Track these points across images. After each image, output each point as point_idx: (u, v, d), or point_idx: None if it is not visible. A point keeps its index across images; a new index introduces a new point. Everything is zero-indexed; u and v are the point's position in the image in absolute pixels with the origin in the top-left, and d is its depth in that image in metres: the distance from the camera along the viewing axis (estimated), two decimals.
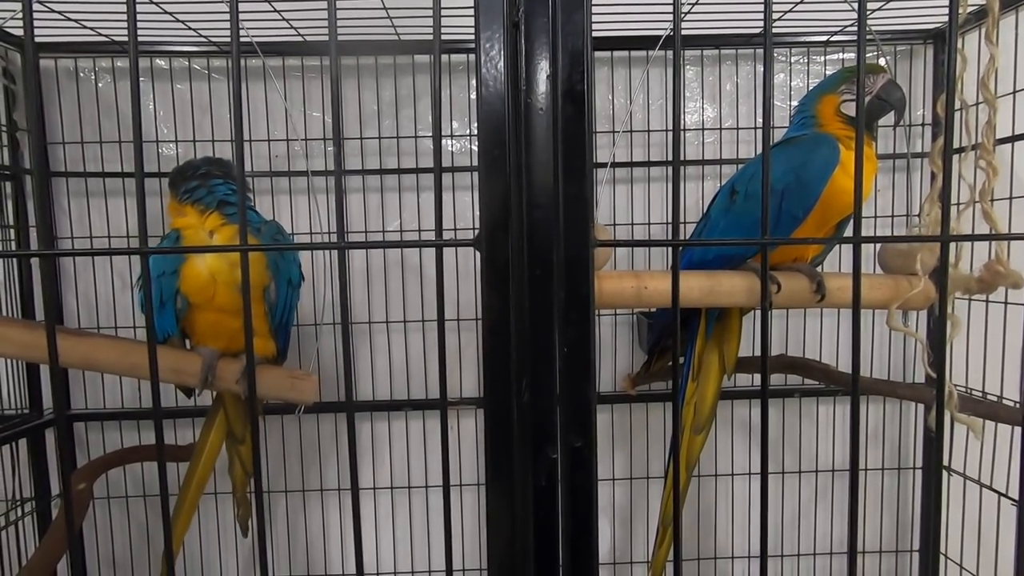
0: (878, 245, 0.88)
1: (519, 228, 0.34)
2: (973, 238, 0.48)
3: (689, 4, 0.94)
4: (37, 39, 1.06)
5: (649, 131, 1.16)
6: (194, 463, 0.92)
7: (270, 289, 0.83)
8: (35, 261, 1.10)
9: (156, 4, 0.91)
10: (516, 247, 0.34)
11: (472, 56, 1.13)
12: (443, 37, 1.04)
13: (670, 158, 1.15)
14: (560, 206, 0.34)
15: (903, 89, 0.81)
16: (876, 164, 0.82)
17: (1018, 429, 0.88)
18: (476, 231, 0.37)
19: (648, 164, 1.16)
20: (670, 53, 1.12)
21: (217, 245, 0.79)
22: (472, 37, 0.57)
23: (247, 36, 0.92)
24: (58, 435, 1.14)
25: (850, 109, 0.80)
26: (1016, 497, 0.99)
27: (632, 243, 0.55)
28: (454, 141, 1.15)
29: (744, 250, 0.78)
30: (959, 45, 0.75)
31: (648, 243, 0.56)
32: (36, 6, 0.84)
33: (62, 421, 1.14)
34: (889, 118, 0.82)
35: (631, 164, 1.15)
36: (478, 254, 0.35)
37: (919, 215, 0.93)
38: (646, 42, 1.11)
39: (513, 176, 0.34)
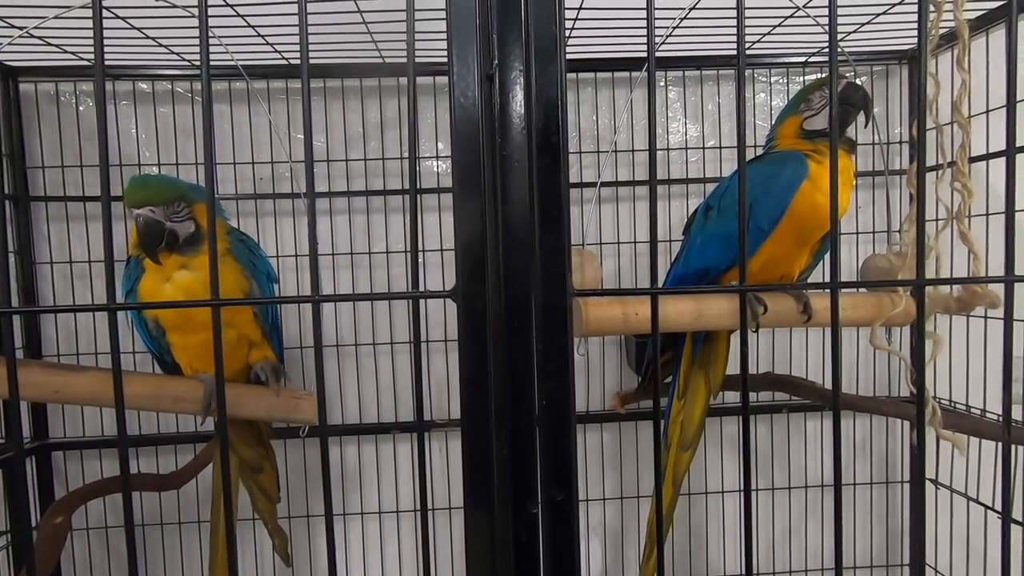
0: (860, 263, 0.90)
1: (496, 279, 0.34)
2: (947, 281, 0.49)
3: (669, 28, 0.95)
4: (16, 64, 1.06)
5: (633, 151, 1.17)
6: (216, 511, 0.88)
7: (253, 291, 0.81)
8: (13, 289, 1.08)
9: (138, 29, 0.91)
10: (493, 298, 0.34)
11: None
12: (426, 59, 1.05)
13: (661, 177, 1.16)
14: (537, 257, 0.34)
15: (864, 88, 0.79)
16: (851, 175, 0.80)
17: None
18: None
19: (633, 183, 1.17)
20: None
21: (182, 301, 0.75)
22: None
23: (231, 59, 0.91)
24: (13, 469, 1.11)
25: (813, 123, 0.81)
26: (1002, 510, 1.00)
27: (610, 291, 0.55)
28: (439, 162, 1.15)
29: (718, 263, 0.79)
30: (932, 69, 0.77)
31: (626, 291, 0.56)
32: (16, 32, 0.83)
33: (21, 454, 1.11)
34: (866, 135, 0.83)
35: (616, 183, 1.16)
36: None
37: (899, 232, 0.95)
38: (630, 63, 1.13)
39: (490, 227, 0.34)
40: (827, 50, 1.12)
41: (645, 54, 0.38)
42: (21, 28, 0.83)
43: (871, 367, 1.21)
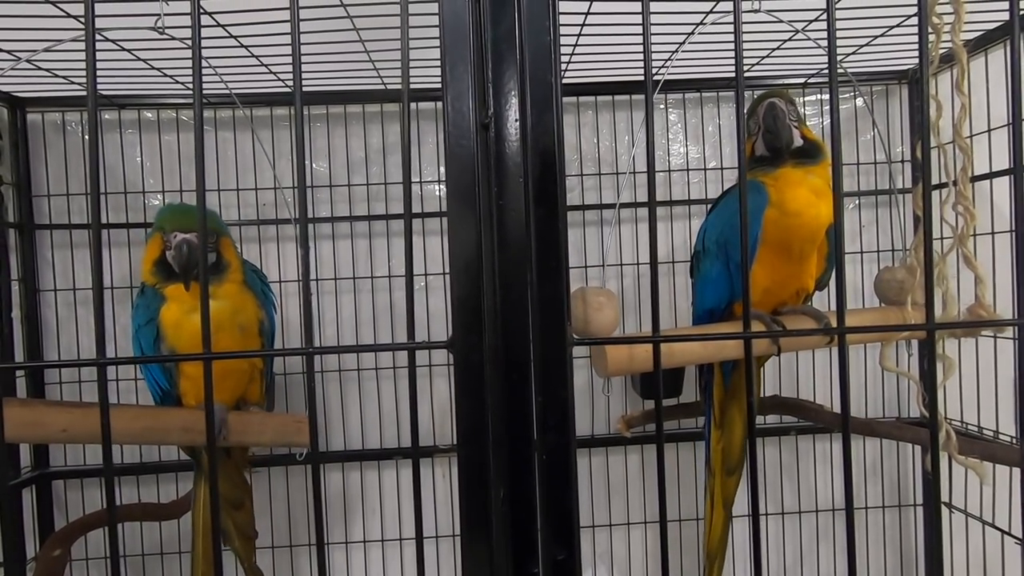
0: (873, 277, 0.89)
1: (493, 330, 0.34)
2: (958, 325, 0.49)
3: (670, 54, 0.96)
4: (24, 95, 1.07)
5: (635, 172, 1.17)
6: (195, 548, 0.87)
7: (264, 320, 0.84)
8: (16, 316, 1.08)
9: (143, 60, 0.92)
10: (491, 349, 0.33)
11: None
12: (429, 85, 1.06)
13: (663, 199, 1.17)
14: (536, 308, 0.33)
15: (776, 111, 0.76)
16: (818, 187, 0.76)
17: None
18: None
19: (635, 205, 1.17)
20: (655, 96, 1.14)
21: (171, 355, 0.79)
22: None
23: (225, 88, 0.92)
24: None
25: (757, 149, 0.79)
26: (1019, 536, 0.97)
27: (614, 340, 0.54)
28: (443, 186, 1.16)
29: (717, 303, 0.81)
30: (933, 91, 0.77)
31: (628, 339, 0.55)
32: (24, 64, 0.84)
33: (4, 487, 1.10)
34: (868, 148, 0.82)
35: (617, 205, 1.16)
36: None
37: (908, 251, 0.93)
38: (630, 87, 1.14)
39: (486, 277, 0.34)
40: (826, 71, 1.12)
41: (643, 77, 0.38)
42: (21, 59, 0.84)
43: (879, 387, 1.19)
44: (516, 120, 0.33)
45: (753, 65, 1.09)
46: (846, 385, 0.39)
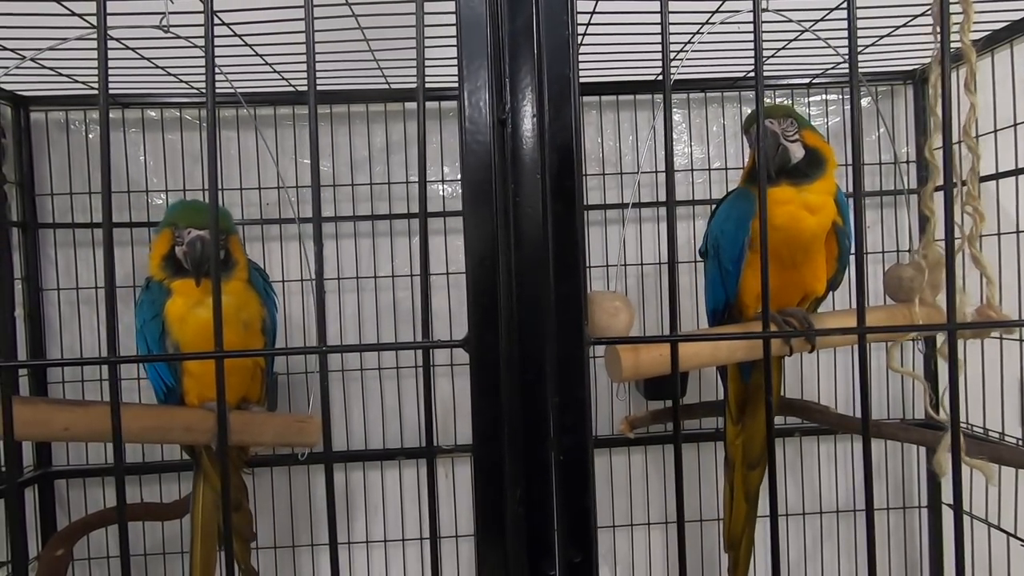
0: (878, 277, 0.89)
1: (510, 329, 0.33)
2: (977, 325, 0.48)
3: (675, 53, 0.96)
4: (28, 93, 1.07)
5: (640, 173, 1.17)
6: (194, 547, 0.86)
7: (266, 319, 0.84)
8: (19, 315, 1.08)
9: (148, 60, 0.92)
10: (507, 349, 0.33)
11: None
12: (434, 84, 1.06)
13: (663, 199, 1.16)
14: (553, 306, 0.33)
15: (767, 132, 0.75)
16: (808, 202, 0.76)
17: None
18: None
19: (640, 205, 1.17)
20: (657, 97, 1.14)
21: (181, 353, 0.79)
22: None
23: (229, 87, 0.92)
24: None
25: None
26: None
27: (630, 340, 0.54)
28: (446, 186, 1.15)
29: (716, 304, 0.83)
30: (940, 90, 0.77)
31: (646, 339, 0.55)
32: (28, 63, 0.84)
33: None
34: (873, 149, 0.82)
35: (623, 206, 1.16)
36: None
37: (917, 252, 0.93)
38: (634, 87, 1.13)
39: (503, 276, 0.33)
40: (831, 70, 1.12)
41: (648, 77, 0.38)
42: (25, 57, 0.84)
43: (884, 388, 1.19)
44: (533, 115, 0.33)
45: None
46: (866, 385, 0.39)
